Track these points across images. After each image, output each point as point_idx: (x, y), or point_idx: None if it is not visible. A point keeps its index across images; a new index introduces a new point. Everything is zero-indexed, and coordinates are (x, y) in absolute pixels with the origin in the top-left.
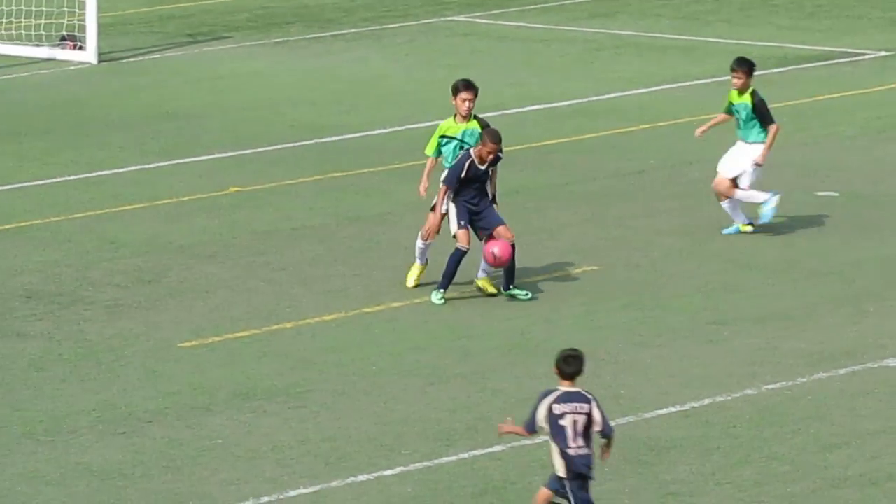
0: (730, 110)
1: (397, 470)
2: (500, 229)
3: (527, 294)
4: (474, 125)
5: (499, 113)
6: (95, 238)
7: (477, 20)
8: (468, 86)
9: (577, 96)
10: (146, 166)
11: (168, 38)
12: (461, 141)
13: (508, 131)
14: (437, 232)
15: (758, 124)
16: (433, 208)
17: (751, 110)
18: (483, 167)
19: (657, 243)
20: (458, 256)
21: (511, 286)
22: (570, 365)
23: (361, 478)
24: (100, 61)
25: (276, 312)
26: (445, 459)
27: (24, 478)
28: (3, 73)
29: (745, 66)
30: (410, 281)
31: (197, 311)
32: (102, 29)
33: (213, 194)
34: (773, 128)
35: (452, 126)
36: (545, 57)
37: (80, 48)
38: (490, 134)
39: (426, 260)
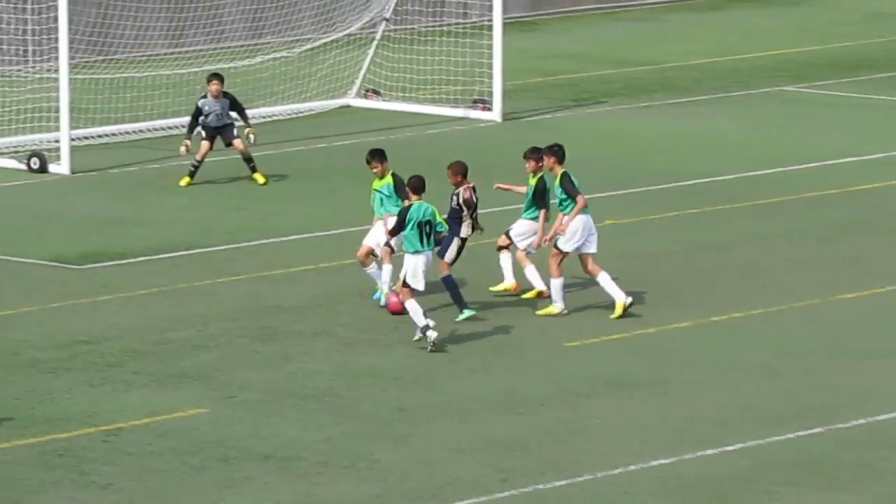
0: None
1: (737, 446)
2: None
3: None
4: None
5: (819, 164)
6: (497, 260)
7: (803, 90)
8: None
9: (883, 150)
10: None
11: (558, 102)
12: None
13: (826, 180)
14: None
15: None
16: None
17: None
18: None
19: None
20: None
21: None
22: None
23: (709, 451)
24: (504, 120)
25: (641, 319)
26: (776, 438)
27: (442, 447)
28: (428, 129)
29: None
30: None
31: (580, 317)
32: (506, 94)
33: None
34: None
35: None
36: (859, 120)
37: (488, 109)
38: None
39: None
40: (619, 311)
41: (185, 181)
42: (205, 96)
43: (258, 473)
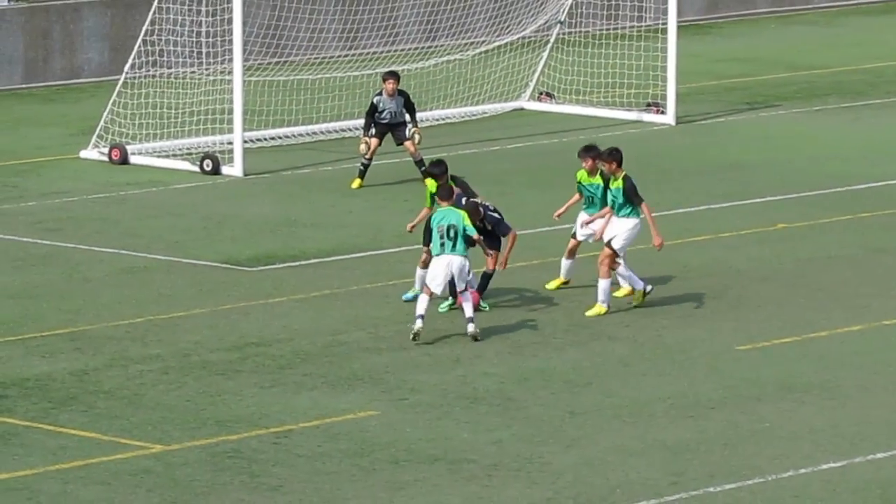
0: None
1: None
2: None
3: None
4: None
5: None
6: (670, 262)
7: None
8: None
9: None
10: (712, 206)
11: (731, 106)
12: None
13: None
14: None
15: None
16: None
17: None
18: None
19: None
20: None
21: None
22: None
23: (880, 455)
24: (677, 123)
25: (813, 323)
26: None
27: (612, 450)
28: (601, 132)
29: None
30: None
31: (751, 321)
32: (680, 97)
33: (764, 229)
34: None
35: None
36: None
37: (662, 112)
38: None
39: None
40: (637, 298)
41: (356, 183)
42: (380, 93)
43: (428, 476)
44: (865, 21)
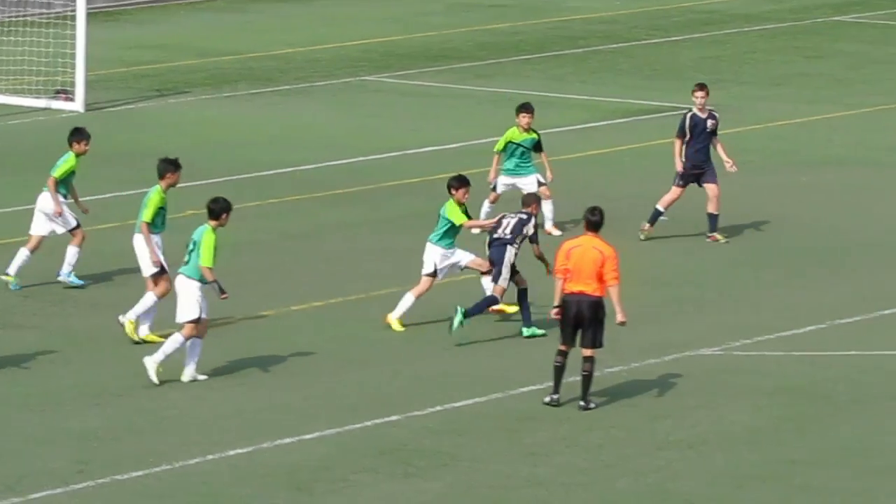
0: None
1: (315, 434)
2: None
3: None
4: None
5: (400, 153)
6: (86, 252)
7: (384, 79)
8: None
9: (463, 140)
10: (121, 193)
11: (141, 93)
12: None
13: (408, 169)
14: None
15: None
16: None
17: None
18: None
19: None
20: None
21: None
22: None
23: (287, 440)
24: (86, 110)
25: (222, 310)
26: (353, 426)
27: (19, 439)
28: (9, 120)
29: None
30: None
31: (159, 310)
32: (89, 84)
33: (175, 216)
34: None
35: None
36: (438, 109)
37: (71, 100)
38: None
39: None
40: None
41: None
42: None
43: None
44: (275, 7)
